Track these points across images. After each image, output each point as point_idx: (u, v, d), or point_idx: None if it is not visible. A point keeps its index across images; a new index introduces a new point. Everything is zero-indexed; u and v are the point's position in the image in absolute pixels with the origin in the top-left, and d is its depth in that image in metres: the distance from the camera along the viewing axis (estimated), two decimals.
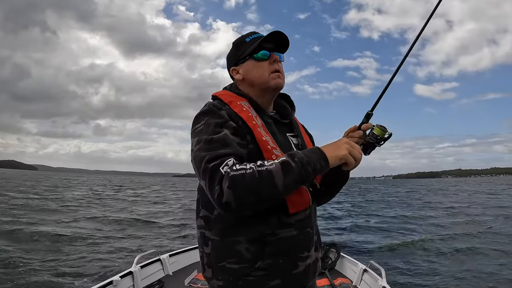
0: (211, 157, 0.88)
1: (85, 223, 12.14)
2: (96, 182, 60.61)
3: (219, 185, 0.83)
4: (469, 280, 5.65)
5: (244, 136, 0.99)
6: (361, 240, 9.77)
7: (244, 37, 1.15)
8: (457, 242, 8.96)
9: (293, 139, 1.16)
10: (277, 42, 1.13)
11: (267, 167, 0.84)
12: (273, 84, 1.10)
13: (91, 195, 26.36)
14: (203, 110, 1.03)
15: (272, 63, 1.11)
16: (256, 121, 1.03)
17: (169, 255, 3.49)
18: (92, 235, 9.68)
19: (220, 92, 1.16)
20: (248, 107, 1.07)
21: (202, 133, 0.96)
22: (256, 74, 1.11)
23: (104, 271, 5.87)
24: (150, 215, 14.80)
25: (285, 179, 0.84)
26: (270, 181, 0.83)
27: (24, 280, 5.24)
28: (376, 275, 3.03)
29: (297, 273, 1.01)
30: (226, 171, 0.84)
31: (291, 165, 0.86)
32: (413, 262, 6.92)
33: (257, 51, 1.10)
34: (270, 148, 0.98)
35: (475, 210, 17.14)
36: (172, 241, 9.09)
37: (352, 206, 20.50)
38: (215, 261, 1.01)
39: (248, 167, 0.84)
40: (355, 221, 14.02)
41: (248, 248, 0.97)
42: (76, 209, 16.13)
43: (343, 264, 3.71)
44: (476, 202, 21.73)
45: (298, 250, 1.02)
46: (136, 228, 11.31)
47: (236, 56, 1.15)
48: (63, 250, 7.39)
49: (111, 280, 2.62)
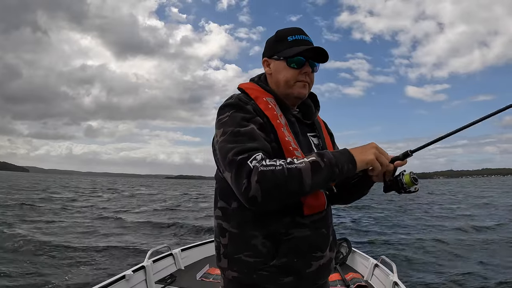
0: (239, 150, 0.87)
1: (100, 220, 12.36)
2: (103, 184, 61.41)
3: (247, 178, 0.82)
4: (481, 276, 5.57)
5: (269, 134, 0.98)
6: (373, 235, 9.72)
7: (288, 33, 1.10)
8: (469, 239, 8.85)
9: (314, 139, 1.15)
10: (318, 52, 1.08)
11: (297, 165, 0.84)
12: (295, 93, 1.09)
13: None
14: (229, 102, 1.01)
15: (302, 73, 1.07)
16: (280, 120, 1.02)
17: (181, 250, 3.53)
18: (106, 231, 9.85)
19: (246, 85, 1.13)
20: (274, 105, 1.06)
21: (227, 125, 0.95)
22: (284, 78, 1.08)
23: (117, 265, 5.97)
24: (159, 212, 14.96)
25: (313, 178, 0.83)
26: (299, 180, 0.82)
27: (35, 276, 5.37)
28: (387, 270, 2.99)
29: (310, 272, 1.01)
30: (255, 165, 0.83)
31: (320, 165, 0.85)
32: (425, 259, 6.86)
33: (293, 56, 1.06)
34: (291, 149, 0.98)
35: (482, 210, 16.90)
36: (184, 235, 9.19)
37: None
38: (232, 252, 1.01)
39: (278, 163, 0.83)
40: (365, 217, 13.95)
41: (264, 243, 0.97)
42: (91, 206, 16.40)
43: (355, 259, 3.69)
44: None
45: (312, 250, 1.02)
46: (148, 224, 11.47)
47: (272, 50, 1.12)
48: (74, 245, 7.54)
49: (124, 275, 2.65)
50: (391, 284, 2.74)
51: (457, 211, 16.02)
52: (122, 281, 2.61)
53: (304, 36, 1.10)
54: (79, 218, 12.61)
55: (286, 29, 1.13)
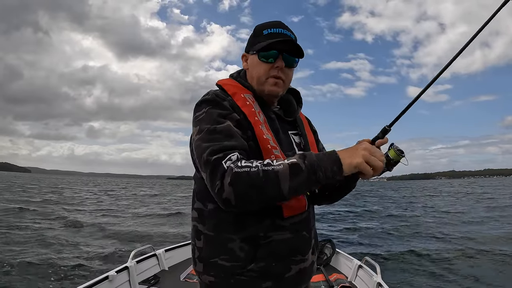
0: (215, 149, 0.83)
1: (84, 215, 12.13)
2: (108, 186, 60.50)
3: (221, 180, 0.79)
4: (463, 280, 5.70)
5: (246, 131, 0.94)
6: (356, 236, 9.83)
7: (264, 27, 1.05)
8: (454, 243, 9.04)
9: (295, 137, 1.10)
10: (292, 45, 1.02)
11: (274, 167, 0.78)
12: (266, 90, 1.03)
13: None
14: (206, 98, 0.97)
15: (274, 68, 1.01)
16: (258, 117, 0.98)
17: (165, 250, 3.49)
18: (89, 230, 9.68)
19: (224, 81, 1.08)
20: (252, 101, 1.01)
21: (203, 122, 0.91)
22: (256, 73, 1.04)
23: (100, 266, 5.87)
24: (146, 212, 14.79)
25: (292, 182, 0.77)
26: (276, 183, 0.77)
27: (17, 274, 5.24)
28: (371, 271, 3.04)
29: (290, 276, 0.97)
30: (229, 166, 0.79)
31: (301, 168, 0.78)
32: (408, 259, 6.97)
33: (266, 49, 1.01)
34: (270, 148, 0.93)
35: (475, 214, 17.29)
36: (168, 236, 9.10)
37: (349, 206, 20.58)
38: (207, 256, 0.98)
39: (254, 165, 0.79)
40: (351, 219, 14.10)
41: (242, 247, 0.93)
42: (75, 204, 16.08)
43: (338, 260, 3.73)
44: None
45: (292, 253, 0.98)
46: (133, 223, 11.32)
47: (249, 44, 1.08)
48: (57, 246, 7.38)
49: (107, 275, 2.61)
50: (375, 285, 2.78)
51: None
52: (105, 282, 2.57)
53: (282, 29, 1.03)
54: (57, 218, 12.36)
55: (264, 23, 1.07)
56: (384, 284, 2.74)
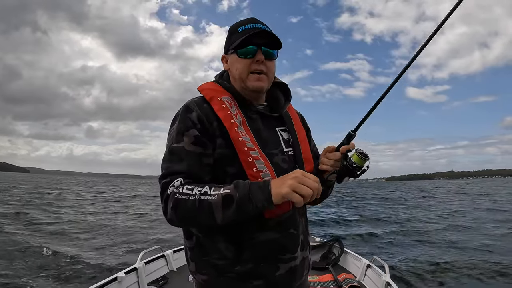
0: (165, 173, 0.92)
1: (92, 220, 12.23)
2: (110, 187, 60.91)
3: (165, 203, 0.88)
4: (473, 275, 5.63)
5: (212, 141, 0.95)
6: (366, 236, 9.77)
7: (238, 25, 1.04)
8: (461, 237, 8.95)
9: (283, 134, 1.09)
10: (271, 37, 1.01)
11: (209, 198, 0.83)
12: (250, 86, 1.02)
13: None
14: (177, 113, 1.01)
15: (255, 62, 1.00)
16: (234, 120, 0.97)
17: (173, 251, 3.51)
18: (97, 231, 9.76)
19: (204, 86, 1.07)
20: (229, 104, 1.00)
21: (168, 140, 0.98)
22: (237, 71, 1.02)
23: (109, 267, 5.91)
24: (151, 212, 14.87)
25: (224, 213, 0.83)
26: (209, 213, 0.83)
27: (23, 276, 5.30)
28: (379, 270, 3.01)
29: (280, 275, 0.98)
30: (172, 191, 0.87)
31: (233, 200, 0.82)
32: (417, 259, 6.91)
33: (242, 46, 1.00)
34: (246, 150, 0.93)
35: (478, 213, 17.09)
36: (176, 237, 9.14)
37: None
38: (199, 255, 1.00)
39: (193, 193, 0.84)
40: (359, 217, 14.02)
41: (228, 248, 0.96)
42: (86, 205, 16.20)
43: (347, 259, 3.71)
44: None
45: (279, 252, 0.98)
46: (141, 225, 11.39)
47: (226, 45, 1.08)
48: (66, 247, 7.45)
49: (116, 277, 2.63)
50: (384, 284, 2.76)
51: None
52: (114, 283, 2.59)
53: (256, 24, 1.02)
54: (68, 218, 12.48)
55: (238, 22, 1.06)
56: (393, 283, 2.72)
